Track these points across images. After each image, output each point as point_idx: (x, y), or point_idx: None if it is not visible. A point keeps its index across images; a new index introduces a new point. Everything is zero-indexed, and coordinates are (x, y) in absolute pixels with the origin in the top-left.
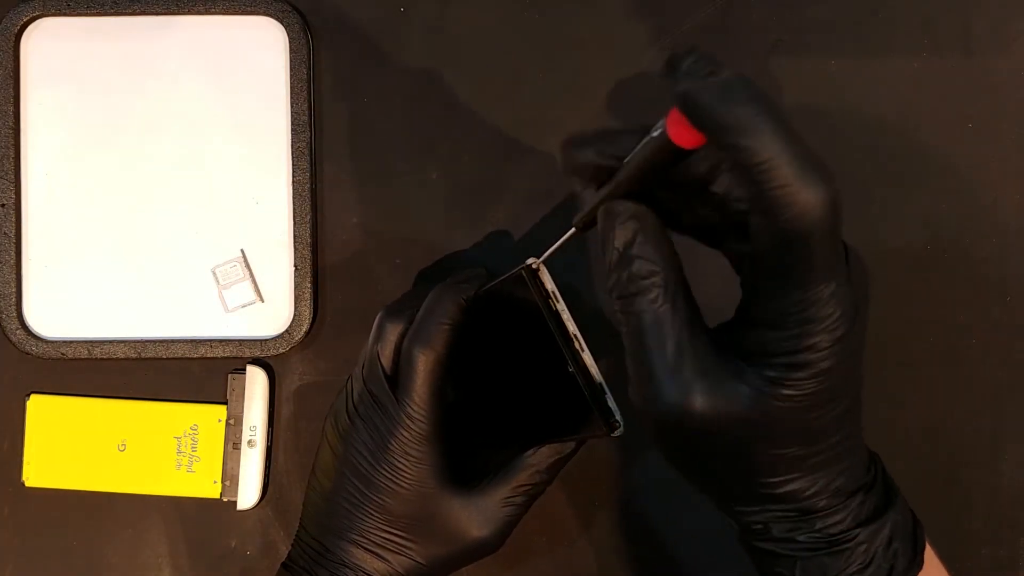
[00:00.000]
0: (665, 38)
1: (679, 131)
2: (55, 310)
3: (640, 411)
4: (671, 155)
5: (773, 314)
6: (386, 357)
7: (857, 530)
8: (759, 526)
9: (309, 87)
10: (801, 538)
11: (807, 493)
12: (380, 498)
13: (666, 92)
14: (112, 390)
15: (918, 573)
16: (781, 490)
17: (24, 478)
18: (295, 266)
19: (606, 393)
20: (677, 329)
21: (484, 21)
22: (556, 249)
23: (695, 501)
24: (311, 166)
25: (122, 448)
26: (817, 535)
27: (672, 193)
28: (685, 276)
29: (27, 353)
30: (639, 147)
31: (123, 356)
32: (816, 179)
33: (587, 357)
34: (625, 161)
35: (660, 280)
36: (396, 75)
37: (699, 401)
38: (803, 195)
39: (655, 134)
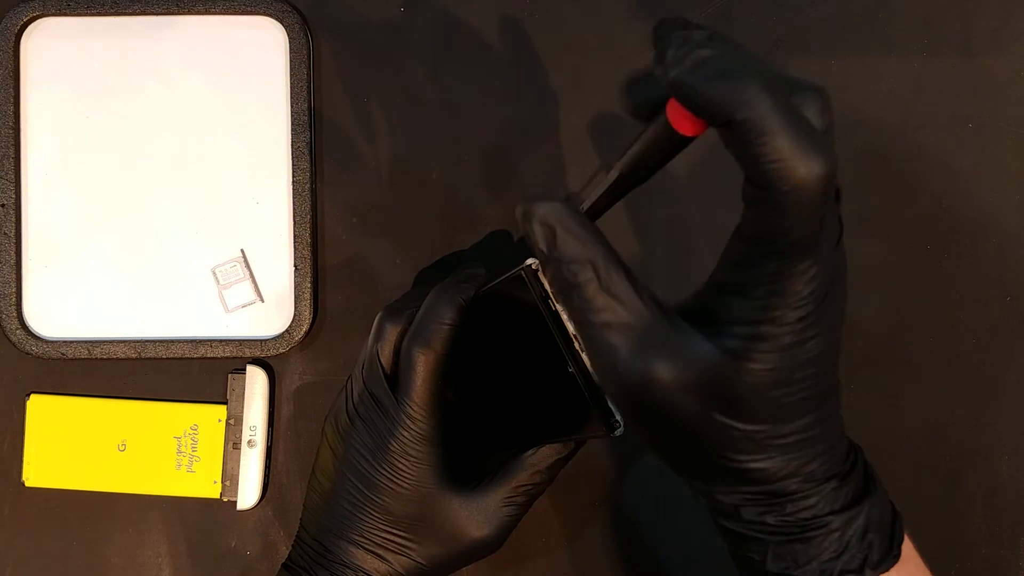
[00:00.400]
0: None
1: (678, 118)
2: (55, 310)
3: (613, 396)
4: (673, 142)
5: (744, 280)
6: (386, 357)
7: (830, 517)
8: (729, 507)
9: (309, 87)
10: (771, 521)
11: (778, 475)
12: (380, 498)
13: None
14: (112, 390)
15: (894, 566)
16: (749, 467)
17: (24, 478)
18: (295, 266)
19: (606, 393)
20: (618, 305)
21: (484, 21)
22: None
23: (695, 501)
24: (311, 166)
25: (122, 448)
26: (788, 519)
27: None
28: (618, 255)
29: (27, 353)
30: (640, 135)
31: (123, 356)
32: (814, 155)
33: (587, 357)
34: (627, 149)
35: (590, 269)
36: (396, 75)
37: (656, 370)
38: (799, 170)
39: (656, 120)
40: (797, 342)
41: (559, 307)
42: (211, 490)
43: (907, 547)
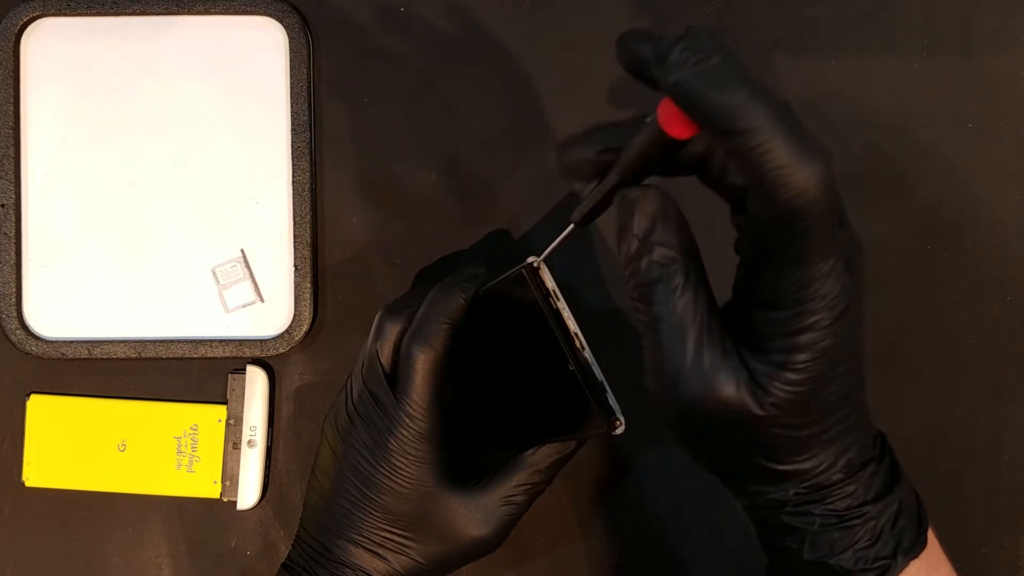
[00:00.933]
0: None
1: (671, 121)
2: (55, 310)
3: (660, 399)
4: (665, 146)
5: (772, 294)
6: (385, 356)
7: (867, 506)
8: (775, 503)
9: (309, 87)
10: (816, 511)
11: (821, 468)
12: (379, 497)
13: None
14: (112, 390)
15: (922, 551)
16: (796, 468)
17: (24, 478)
18: (295, 266)
19: (607, 392)
20: (699, 318)
21: (484, 21)
22: (556, 246)
23: (694, 501)
24: (311, 166)
25: (122, 448)
26: (830, 508)
27: (669, 174)
28: (703, 263)
29: (27, 353)
30: (633, 140)
31: (123, 356)
32: (811, 158)
33: (588, 355)
34: (621, 154)
35: (681, 268)
36: (396, 75)
37: (716, 394)
38: (798, 175)
39: (648, 124)
40: (834, 343)
41: (560, 305)
42: (211, 490)
43: (931, 536)
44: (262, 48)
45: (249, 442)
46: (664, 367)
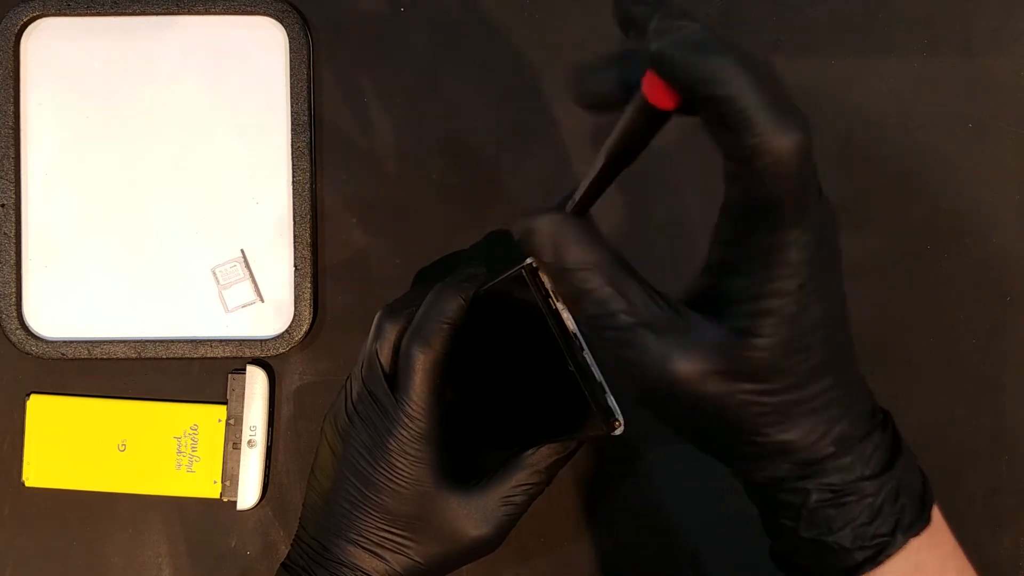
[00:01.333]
0: None
1: (655, 92)
2: (55, 310)
3: (631, 389)
4: (651, 119)
5: (739, 259)
6: (385, 356)
7: (865, 482)
8: (770, 480)
9: (309, 87)
10: (810, 486)
11: (808, 440)
12: (379, 497)
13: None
14: (112, 390)
15: (925, 529)
16: (781, 439)
17: (24, 478)
18: (295, 266)
19: (606, 392)
20: (630, 306)
21: (484, 21)
22: None
23: (694, 501)
24: (311, 166)
25: (122, 448)
26: (824, 483)
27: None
28: (621, 256)
29: (27, 353)
30: (620, 117)
31: (123, 356)
32: (789, 126)
33: (587, 356)
34: (609, 138)
35: (596, 274)
36: (396, 75)
37: (677, 364)
38: (777, 142)
39: (633, 99)
40: (800, 309)
41: (559, 306)
42: (211, 490)
43: (936, 515)
44: (262, 48)
45: (249, 442)
46: (621, 365)
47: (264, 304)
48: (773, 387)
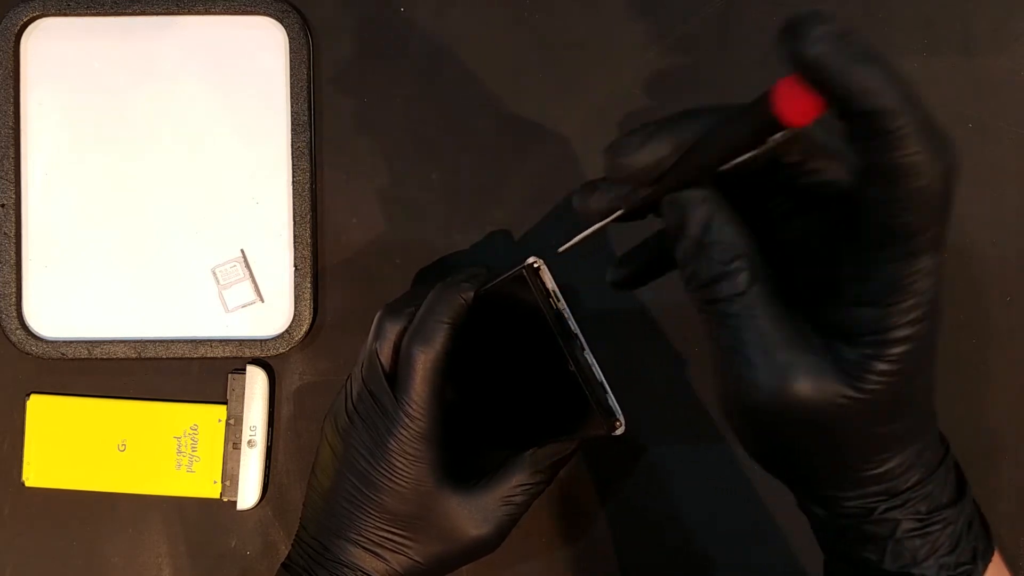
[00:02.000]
0: (664, 38)
1: (794, 104)
2: (55, 310)
3: (732, 403)
4: (764, 136)
5: (867, 289)
6: (385, 356)
7: (946, 510)
8: (858, 508)
9: (309, 87)
10: (899, 516)
11: (901, 468)
12: (379, 497)
13: (675, 82)
14: (112, 390)
15: (993, 555)
16: (879, 469)
17: (24, 478)
18: (295, 266)
19: (607, 392)
20: (768, 312)
21: (484, 21)
22: (586, 237)
23: (694, 501)
24: (311, 166)
25: (122, 448)
26: (912, 513)
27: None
28: (763, 257)
29: (27, 353)
30: (719, 129)
31: (123, 356)
32: (943, 149)
33: (588, 356)
34: (695, 145)
35: (743, 263)
36: (396, 75)
37: (801, 386)
38: (931, 165)
39: (742, 113)
40: (925, 337)
41: (560, 306)
42: (211, 490)
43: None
44: (262, 48)
45: (249, 442)
46: (736, 365)
47: (264, 304)
48: (888, 414)
